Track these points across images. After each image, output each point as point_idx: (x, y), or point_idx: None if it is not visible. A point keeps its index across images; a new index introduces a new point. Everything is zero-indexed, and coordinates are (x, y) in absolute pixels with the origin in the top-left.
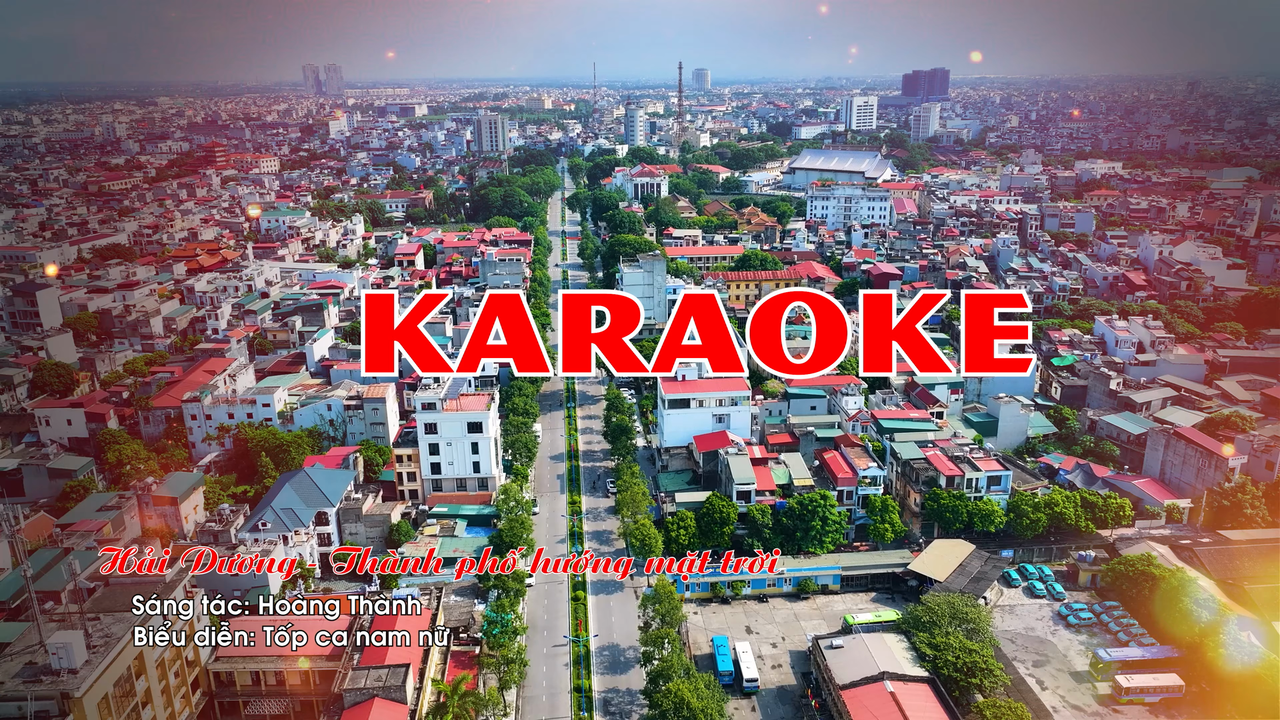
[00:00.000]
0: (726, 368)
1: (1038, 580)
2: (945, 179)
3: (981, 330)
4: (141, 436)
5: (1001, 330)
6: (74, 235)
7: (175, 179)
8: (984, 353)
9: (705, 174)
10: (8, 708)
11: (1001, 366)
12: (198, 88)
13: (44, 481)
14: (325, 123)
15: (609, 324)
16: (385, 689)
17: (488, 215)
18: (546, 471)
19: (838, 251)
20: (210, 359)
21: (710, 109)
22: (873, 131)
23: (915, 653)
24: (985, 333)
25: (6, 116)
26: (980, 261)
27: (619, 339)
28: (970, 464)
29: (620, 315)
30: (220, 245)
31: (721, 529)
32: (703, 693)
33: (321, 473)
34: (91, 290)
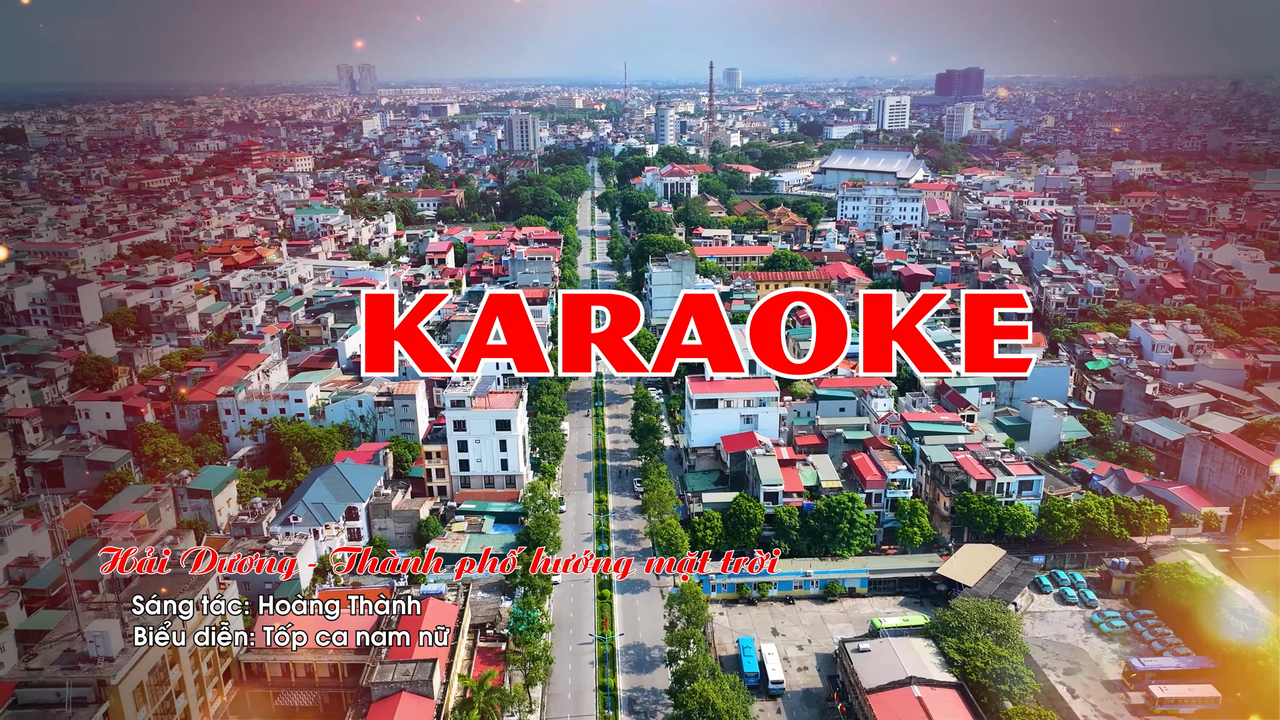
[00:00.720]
0: (726, 368)
1: (1069, 587)
2: (979, 179)
3: (981, 330)
4: (177, 430)
5: (1001, 330)
6: (114, 232)
7: (212, 177)
8: (984, 353)
9: (735, 174)
10: (46, 693)
11: (1001, 366)
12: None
13: (83, 473)
14: (359, 122)
15: (609, 324)
16: (412, 683)
17: (518, 214)
18: (574, 470)
19: (869, 252)
20: (244, 355)
21: (741, 108)
22: (905, 131)
23: (943, 658)
24: (985, 333)
25: (51, 116)
26: (1014, 263)
27: (619, 339)
28: (1001, 468)
29: (621, 315)
30: (255, 242)
31: (748, 530)
32: (728, 694)
33: (352, 468)
34: (130, 286)
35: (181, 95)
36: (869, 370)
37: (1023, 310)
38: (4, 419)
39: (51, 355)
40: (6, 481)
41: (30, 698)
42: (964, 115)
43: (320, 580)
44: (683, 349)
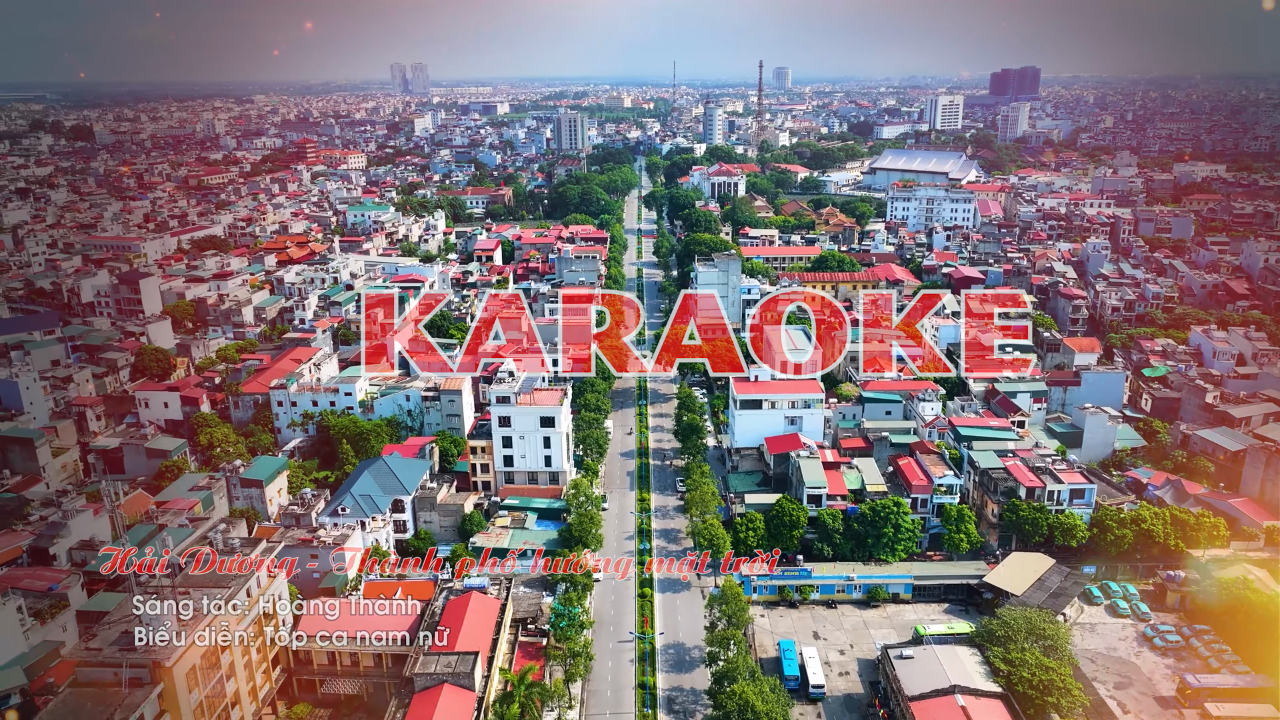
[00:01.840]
0: (727, 368)
1: (1121, 599)
2: (1033, 181)
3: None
4: (231, 421)
5: (1003, 329)
6: (175, 227)
7: (269, 174)
8: (983, 352)
9: (783, 173)
10: (105, 673)
11: (1001, 366)
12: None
13: (142, 460)
14: (411, 120)
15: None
16: (454, 675)
17: (565, 212)
18: (616, 468)
19: (918, 254)
20: (297, 348)
21: (790, 108)
22: (958, 131)
23: (988, 667)
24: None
25: (117, 114)
26: (1068, 266)
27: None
28: (1052, 475)
29: (618, 313)
30: (309, 238)
31: (791, 532)
32: (768, 696)
33: (399, 461)
34: (189, 280)
35: (240, 94)
36: (868, 370)
37: (1025, 310)
38: (69, 407)
39: (114, 346)
40: (71, 467)
41: (89, 676)
42: (1019, 115)
43: (367, 571)
44: (684, 349)
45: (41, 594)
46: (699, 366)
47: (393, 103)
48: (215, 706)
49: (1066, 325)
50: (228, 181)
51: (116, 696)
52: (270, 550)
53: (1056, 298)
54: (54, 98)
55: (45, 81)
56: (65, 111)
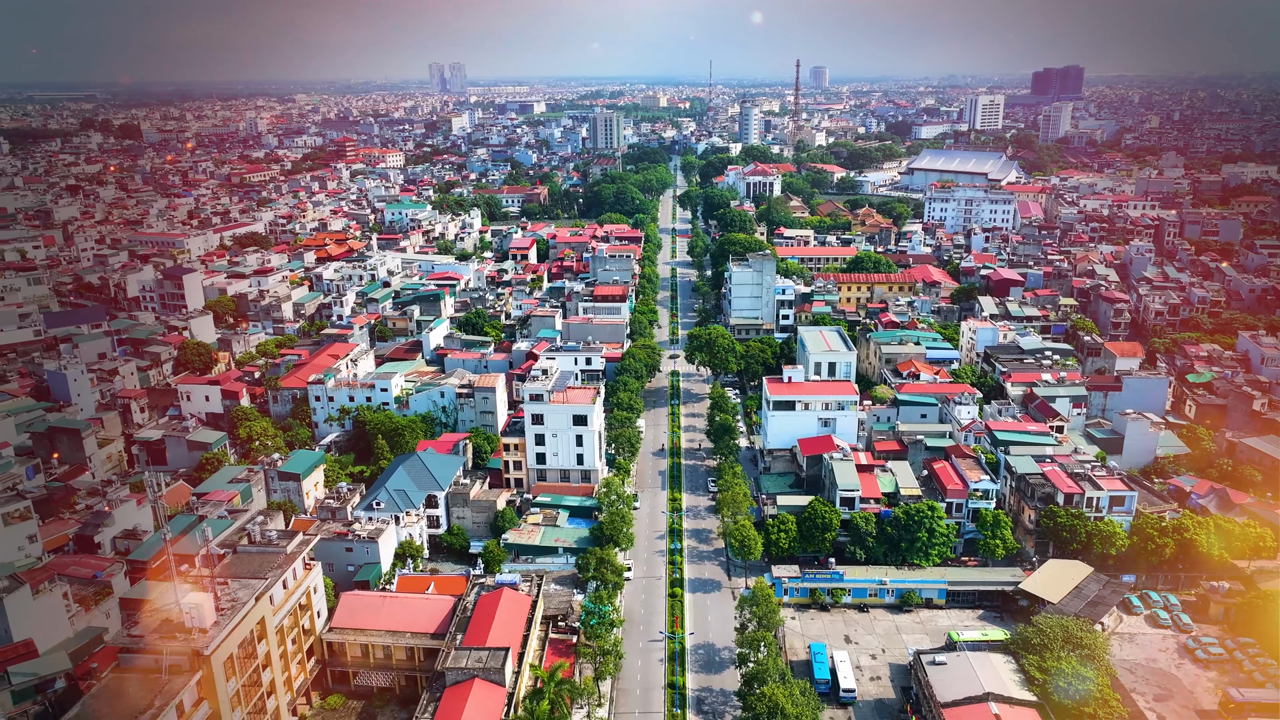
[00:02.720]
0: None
1: (1162, 609)
2: (1075, 182)
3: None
4: (270, 415)
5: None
6: (217, 224)
7: (309, 172)
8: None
9: (819, 173)
10: (146, 659)
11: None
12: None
13: (184, 452)
14: (448, 119)
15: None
16: (485, 670)
17: (600, 211)
18: (648, 467)
19: (956, 255)
20: (334, 344)
21: (827, 107)
22: (998, 131)
23: (1023, 676)
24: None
25: (164, 113)
26: (1110, 269)
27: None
28: (1091, 482)
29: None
30: (347, 236)
31: (823, 535)
32: (798, 699)
33: (433, 457)
34: (231, 275)
35: (282, 93)
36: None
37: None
38: (115, 399)
39: (158, 340)
40: (115, 457)
41: (131, 663)
42: (1061, 115)
43: (400, 565)
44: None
45: (86, 581)
46: (732, 366)
47: (431, 102)
48: (251, 695)
49: (1108, 329)
50: (269, 179)
51: (157, 683)
52: (306, 543)
53: (1098, 301)
54: (104, 96)
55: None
56: (114, 110)
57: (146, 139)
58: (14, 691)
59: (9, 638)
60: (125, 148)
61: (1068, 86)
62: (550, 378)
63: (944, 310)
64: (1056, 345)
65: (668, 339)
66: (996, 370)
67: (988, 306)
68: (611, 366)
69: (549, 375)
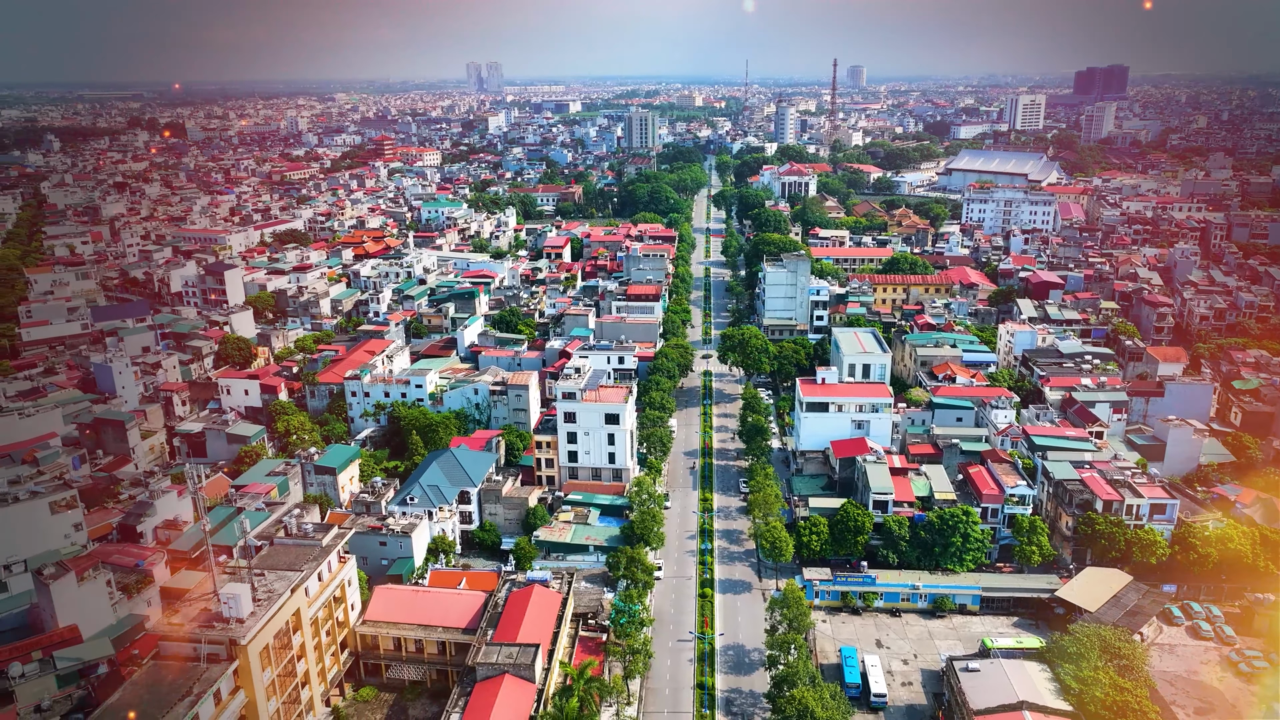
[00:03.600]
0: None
1: (1205, 620)
2: (1118, 183)
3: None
4: (307, 409)
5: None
6: (258, 221)
7: (347, 170)
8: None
9: (855, 173)
10: (185, 647)
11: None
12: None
13: (223, 445)
14: (485, 118)
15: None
16: (515, 666)
17: (634, 211)
18: (680, 467)
19: (994, 257)
20: (371, 340)
21: (864, 107)
22: (1039, 132)
23: (1059, 685)
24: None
25: (208, 112)
26: (1153, 273)
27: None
28: (1131, 489)
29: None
30: (384, 233)
31: (855, 538)
32: (828, 703)
33: (466, 453)
34: (270, 272)
35: (322, 92)
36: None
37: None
38: (158, 392)
39: (200, 334)
40: (158, 449)
41: (171, 650)
42: (1104, 115)
43: (433, 560)
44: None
45: (129, 569)
46: (765, 367)
47: (468, 101)
48: (286, 685)
49: (1150, 333)
50: (309, 177)
51: (195, 671)
52: (341, 536)
53: (1140, 304)
54: (151, 96)
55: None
56: (161, 109)
57: (191, 137)
58: (59, 676)
59: (54, 623)
60: (170, 146)
61: (1112, 86)
62: (583, 376)
63: (981, 313)
64: (1097, 349)
65: (700, 339)
66: (1035, 374)
67: (1026, 309)
68: (644, 366)
69: (581, 374)
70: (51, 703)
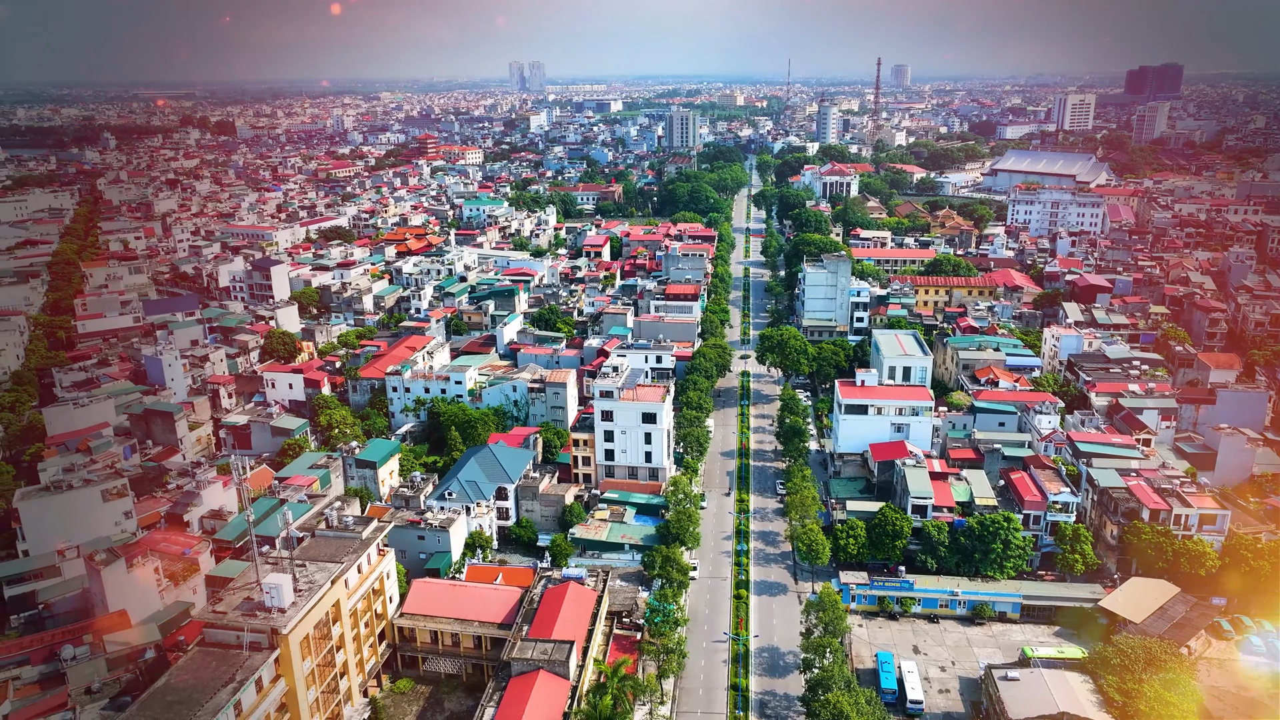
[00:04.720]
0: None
1: (1256, 635)
2: (1170, 185)
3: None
4: (349, 403)
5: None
6: (304, 217)
7: (391, 168)
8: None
9: (898, 174)
10: (228, 635)
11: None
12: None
13: (267, 437)
14: (526, 117)
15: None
16: (550, 662)
17: (674, 210)
18: (716, 467)
19: (1040, 260)
20: (412, 336)
21: (908, 106)
22: (1088, 132)
23: (1101, 697)
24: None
25: (257, 110)
26: (1206, 277)
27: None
28: (1179, 498)
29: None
30: (426, 231)
31: (894, 542)
32: (863, 708)
33: (504, 450)
34: (315, 268)
35: (368, 91)
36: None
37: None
38: (205, 384)
39: (246, 328)
40: (204, 440)
41: (215, 638)
42: (1157, 115)
43: (470, 555)
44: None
45: (175, 558)
46: (803, 368)
47: (510, 100)
48: (325, 675)
49: (1202, 339)
50: (353, 175)
51: (238, 659)
52: (381, 530)
53: (1191, 309)
54: (202, 94)
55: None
56: (211, 108)
57: (240, 135)
58: (108, 659)
59: (105, 608)
60: (220, 143)
61: (1165, 85)
62: (620, 375)
63: (1026, 316)
64: (1145, 355)
65: (739, 339)
66: (1080, 379)
67: (1072, 313)
68: (682, 365)
69: (619, 372)
70: (101, 685)
